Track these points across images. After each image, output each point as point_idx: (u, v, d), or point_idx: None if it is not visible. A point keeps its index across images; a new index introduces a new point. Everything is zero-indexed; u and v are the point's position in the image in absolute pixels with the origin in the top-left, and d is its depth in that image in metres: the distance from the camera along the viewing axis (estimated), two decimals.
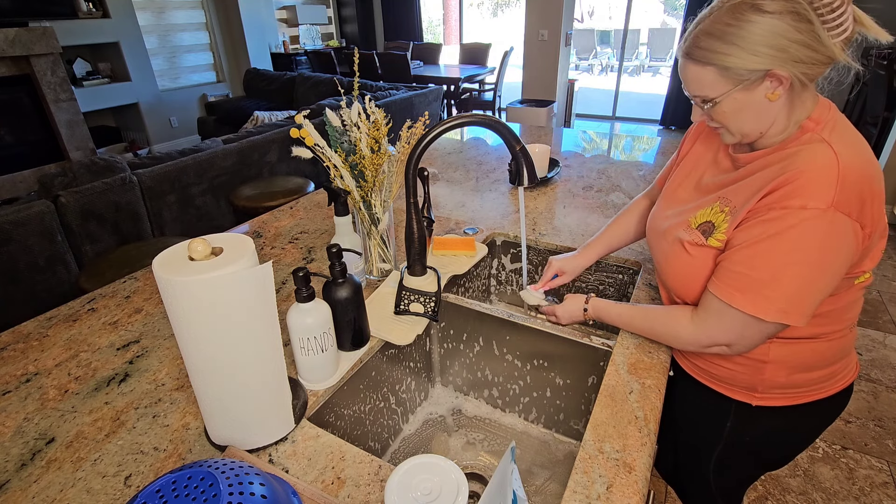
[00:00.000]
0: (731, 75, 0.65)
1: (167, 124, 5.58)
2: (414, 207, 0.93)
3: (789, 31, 0.60)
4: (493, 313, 1.03)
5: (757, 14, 0.61)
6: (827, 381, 0.83)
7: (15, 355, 0.91)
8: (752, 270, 0.67)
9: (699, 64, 0.67)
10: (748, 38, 0.62)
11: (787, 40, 0.61)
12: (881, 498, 1.58)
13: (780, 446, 0.93)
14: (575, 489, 0.62)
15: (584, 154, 2.00)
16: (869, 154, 0.67)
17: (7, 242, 1.95)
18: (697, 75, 0.68)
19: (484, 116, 0.86)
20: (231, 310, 0.58)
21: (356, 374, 0.87)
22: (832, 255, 0.64)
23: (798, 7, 0.60)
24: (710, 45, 0.65)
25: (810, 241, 0.63)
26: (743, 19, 0.62)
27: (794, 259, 0.64)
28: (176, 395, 0.80)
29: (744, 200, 0.71)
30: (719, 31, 0.64)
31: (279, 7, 6.68)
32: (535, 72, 5.05)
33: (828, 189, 0.62)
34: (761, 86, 0.65)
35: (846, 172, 0.62)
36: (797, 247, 0.64)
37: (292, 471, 0.66)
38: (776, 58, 0.62)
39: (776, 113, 0.68)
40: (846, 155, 0.64)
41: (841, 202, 0.62)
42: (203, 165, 2.61)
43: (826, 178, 0.62)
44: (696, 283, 0.78)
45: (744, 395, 0.86)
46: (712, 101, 0.69)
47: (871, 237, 0.67)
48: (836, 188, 0.62)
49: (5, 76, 3.95)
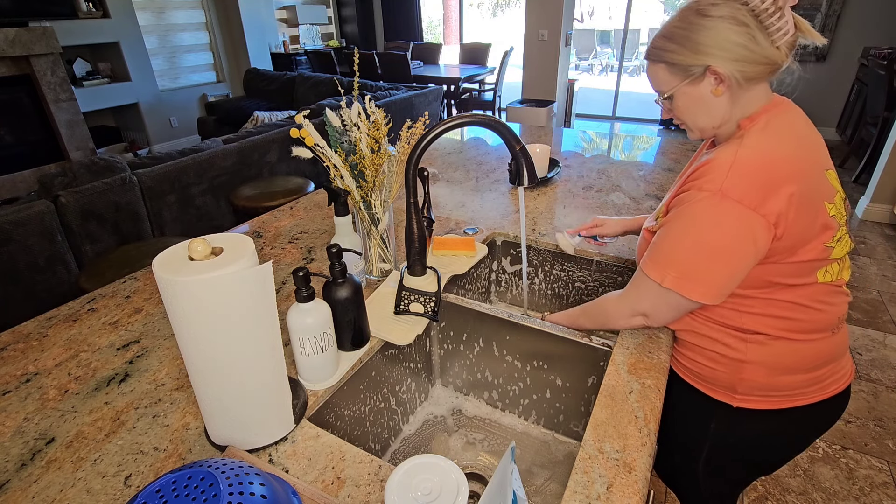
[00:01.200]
0: (678, 71, 0.74)
1: (167, 124, 5.58)
2: (414, 207, 0.93)
3: (727, 33, 0.69)
4: (493, 313, 1.03)
5: (700, 17, 0.70)
6: (811, 387, 0.83)
7: (15, 355, 0.91)
8: (660, 242, 0.77)
9: (653, 62, 0.77)
10: (691, 37, 0.71)
11: (725, 40, 0.69)
12: (881, 498, 1.58)
13: (766, 451, 0.93)
14: (575, 489, 0.62)
15: (584, 154, 2.00)
16: (785, 151, 0.72)
17: (7, 242, 1.95)
18: (653, 73, 0.78)
19: (484, 116, 0.86)
20: (231, 310, 0.58)
21: (356, 375, 0.87)
22: (721, 236, 0.70)
23: (737, 13, 0.68)
24: (662, 45, 0.75)
25: (700, 220, 0.71)
26: (688, 21, 0.71)
27: (687, 233, 0.73)
28: (176, 395, 0.80)
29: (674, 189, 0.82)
30: (669, 33, 0.74)
31: (279, 7, 6.68)
32: (535, 72, 5.05)
33: (720, 177, 0.70)
34: (704, 81, 0.73)
35: (739, 164, 0.70)
36: (689, 223, 0.73)
37: (292, 471, 0.66)
38: (714, 55, 0.70)
39: (724, 109, 0.75)
40: (749, 149, 0.71)
41: (730, 189, 0.69)
42: (203, 165, 2.61)
43: (721, 168, 0.70)
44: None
45: (725, 396, 0.87)
46: (668, 95, 0.78)
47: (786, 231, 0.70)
48: (726, 177, 0.69)
49: (5, 76, 3.96)
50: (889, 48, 4.08)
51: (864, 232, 3.27)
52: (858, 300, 2.56)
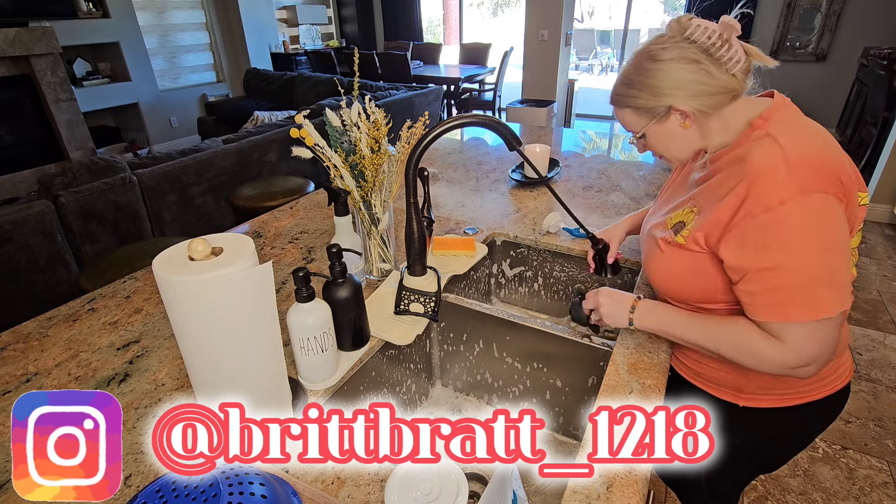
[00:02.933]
0: (643, 113, 0.77)
1: (167, 124, 5.58)
2: (414, 207, 0.93)
3: (681, 73, 0.71)
4: (493, 313, 1.03)
5: (653, 62, 0.73)
6: (816, 384, 0.83)
7: (15, 355, 0.91)
8: (783, 280, 0.67)
9: (619, 107, 0.80)
10: (648, 83, 0.73)
11: (681, 80, 0.71)
12: (881, 498, 1.58)
13: (771, 449, 0.93)
14: (575, 489, 0.62)
15: (584, 154, 2.00)
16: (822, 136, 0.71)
17: (7, 242, 1.95)
18: (621, 116, 0.81)
19: (484, 117, 0.86)
20: (231, 310, 0.58)
21: (356, 375, 0.87)
22: (829, 230, 0.66)
23: (686, 52, 0.71)
24: (623, 91, 0.78)
25: (810, 227, 0.65)
26: (643, 68, 0.74)
27: (808, 249, 0.66)
28: (176, 395, 0.80)
29: (709, 201, 0.76)
30: (628, 79, 0.76)
31: (279, 7, 6.68)
32: (535, 72, 5.05)
33: (787, 178, 0.66)
34: (670, 118, 0.75)
35: (793, 156, 0.67)
36: (802, 237, 0.65)
37: (292, 471, 0.66)
38: (674, 95, 0.72)
39: (695, 136, 0.77)
40: (790, 141, 0.68)
41: (806, 185, 0.65)
42: (203, 165, 2.61)
43: (779, 170, 0.67)
44: (671, 280, 0.83)
45: (731, 396, 0.87)
46: (639, 135, 0.80)
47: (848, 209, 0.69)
48: (791, 175, 0.66)
49: (5, 76, 3.95)
50: (889, 48, 4.08)
51: (863, 232, 3.27)
52: (858, 300, 2.56)
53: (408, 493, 0.53)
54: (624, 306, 0.85)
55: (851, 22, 4.63)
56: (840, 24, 4.68)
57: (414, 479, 0.55)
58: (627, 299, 0.86)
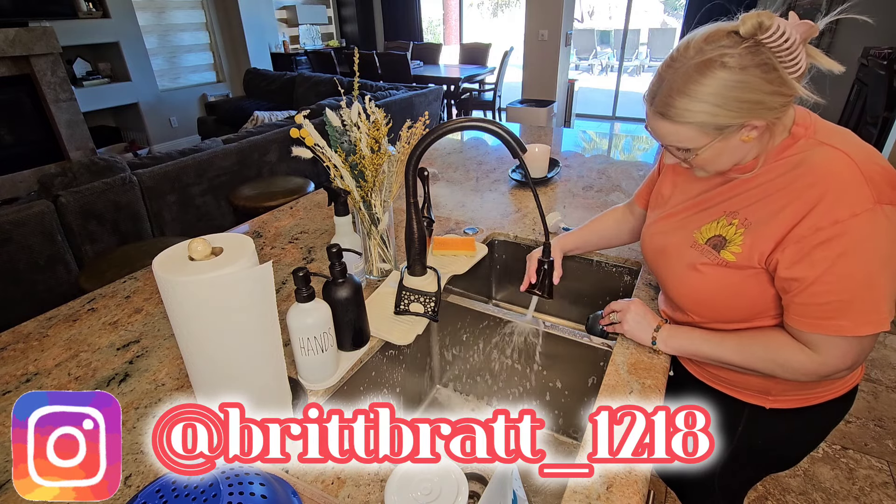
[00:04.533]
0: (710, 130, 0.66)
1: (167, 124, 5.58)
2: (414, 207, 0.93)
3: (760, 84, 0.62)
4: (493, 313, 1.03)
5: (725, 71, 0.62)
6: (838, 381, 0.82)
7: (15, 355, 0.91)
8: (842, 295, 0.65)
9: (675, 123, 0.67)
10: (721, 95, 0.63)
11: (760, 93, 0.62)
12: (881, 498, 1.58)
13: (791, 448, 0.93)
14: (575, 489, 0.62)
15: (584, 154, 2.00)
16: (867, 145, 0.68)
17: (7, 242, 1.94)
18: (674, 131, 0.68)
19: (487, 121, 0.84)
20: (231, 310, 0.58)
21: (356, 375, 0.87)
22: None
23: (763, 58, 0.61)
24: (686, 105, 0.65)
25: (879, 243, 0.63)
26: (713, 76, 0.62)
27: (875, 266, 0.63)
28: (176, 395, 0.80)
29: (762, 214, 0.71)
30: (693, 91, 0.64)
31: (279, 7, 6.68)
32: (535, 72, 5.05)
33: (862, 188, 0.62)
34: (739, 132, 0.66)
35: (866, 167, 0.64)
36: (870, 254, 0.63)
37: (292, 471, 0.66)
38: (752, 110, 0.63)
39: (750, 149, 0.70)
40: (855, 152, 0.65)
41: (881, 196, 0.62)
42: (203, 165, 2.61)
43: (854, 180, 0.63)
44: (713, 300, 0.78)
45: (758, 399, 0.85)
46: (691, 151, 0.70)
47: None
48: (868, 185, 0.62)
49: (5, 76, 3.95)
50: (889, 48, 4.08)
51: None
52: None
53: (408, 493, 0.53)
54: (647, 326, 0.85)
55: (851, 22, 4.62)
56: (840, 24, 4.67)
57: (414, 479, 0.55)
58: (654, 320, 0.86)
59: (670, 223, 0.86)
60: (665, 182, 0.91)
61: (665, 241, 0.85)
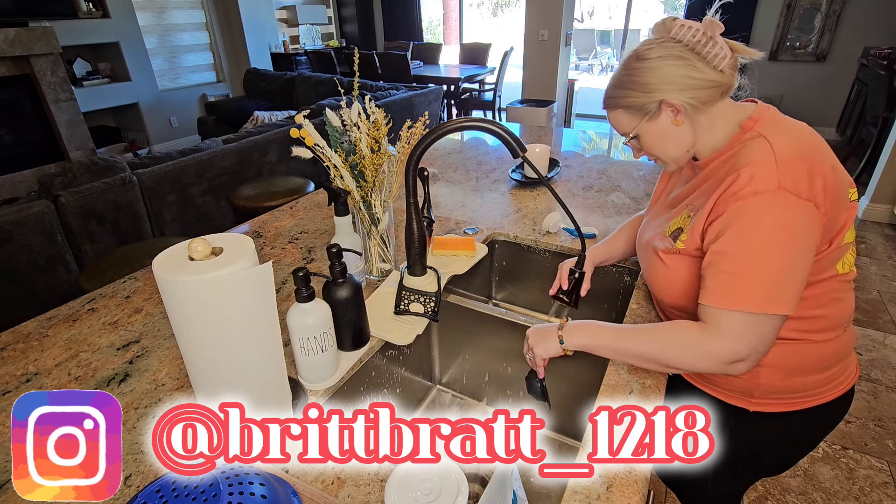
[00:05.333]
0: (635, 111, 0.78)
1: (167, 124, 5.58)
2: (414, 207, 0.93)
3: (669, 68, 0.73)
4: (493, 313, 1.03)
5: (641, 61, 0.75)
6: (825, 386, 0.83)
7: (15, 355, 0.91)
8: (731, 267, 0.69)
9: (611, 109, 0.81)
10: (638, 80, 0.75)
11: (670, 75, 0.73)
12: (881, 498, 1.58)
13: (779, 453, 0.93)
14: (575, 489, 0.62)
15: (584, 154, 2.00)
16: (810, 137, 0.72)
17: (7, 242, 1.94)
18: (614, 119, 0.82)
19: (488, 121, 0.84)
20: (231, 310, 0.58)
21: (356, 375, 0.87)
22: (795, 233, 0.67)
23: (673, 50, 0.73)
24: (614, 93, 0.79)
25: (771, 222, 0.66)
26: (632, 67, 0.76)
27: (766, 245, 0.67)
28: (176, 395, 0.80)
29: (701, 202, 0.77)
30: (618, 81, 0.79)
31: (279, 7, 6.68)
32: (535, 72, 5.05)
33: (770, 172, 0.67)
34: (662, 115, 0.76)
35: (782, 156, 0.68)
36: (763, 232, 0.67)
37: (292, 471, 0.66)
38: (664, 90, 0.74)
39: (688, 133, 0.77)
40: (781, 142, 0.70)
41: (786, 183, 0.66)
42: (203, 165, 2.61)
43: (766, 163, 0.68)
44: (674, 289, 0.82)
45: (741, 401, 0.86)
46: (633, 136, 0.81)
47: (827, 214, 0.69)
48: (778, 171, 0.67)
49: (5, 76, 3.95)
50: (889, 48, 4.08)
51: (864, 232, 3.27)
52: (858, 300, 2.56)
53: (408, 493, 0.53)
54: (550, 331, 0.82)
55: (851, 22, 4.63)
56: (840, 24, 4.68)
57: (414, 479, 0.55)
58: (552, 326, 0.83)
59: (654, 220, 0.93)
60: (661, 183, 0.99)
61: (647, 236, 0.91)
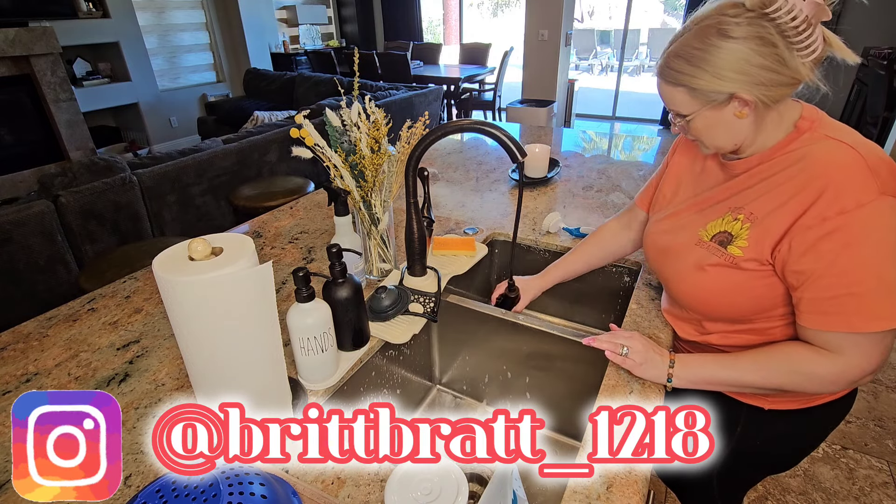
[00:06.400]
0: (699, 96, 0.68)
1: (167, 124, 5.58)
2: (414, 207, 0.93)
3: (752, 56, 0.63)
4: (493, 313, 1.03)
5: (722, 39, 0.63)
6: None
7: (15, 355, 0.91)
8: (850, 288, 0.63)
9: (670, 84, 0.70)
10: (713, 61, 0.64)
11: (750, 65, 0.63)
12: (881, 498, 1.58)
13: (790, 450, 0.93)
14: (575, 489, 0.62)
15: (584, 154, 2.00)
16: (866, 139, 0.68)
17: (7, 242, 1.94)
18: (670, 94, 0.71)
19: (487, 124, 0.84)
20: (231, 310, 0.58)
21: (356, 375, 0.87)
22: None
23: (762, 31, 0.62)
24: (680, 67, 0.68)
25: (886, 234, 0.62)
26: (709, 43, 0.64)
27: (883, 258, 0.62)
28: (176, 395, 0.80)
29: (767, 208, 0.70)
30: (687, 54, 0.66)
31: (279, 7, 6.68)
32: (535, 72, 5.05)
33: (867, 179, 0.62)
34: (728, 106, 0.68)
35: (872, 160, 0.63)
36: (877, 245, 0.62)
37: (292, 471, 0.66)
38: (740, 81, 0.64)
39: (747, 128, 0.70)
40: (860, 145, 0.65)
41: (885, 187, 0.62)
42: (203, 165, 2.61)
43: (859, 170, 0.63)
44: (718, 299, 0.77)
45: (757, 400, 0.85)
46: (685, 117, 0.72)
47: None
48: (873, 176, 0.62)
49: (5, 76, 3.95)
50: (889, 48, 4.08)
51: None
52: None
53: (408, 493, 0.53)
54: (661, 364, 0.78)
55: (851, 22, 4.63)
56: (840, 24, 4.68)
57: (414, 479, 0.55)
58: (665, 358, 0.78)
59: (674, 222, 0.85)
60: (669, 182, 0.92)
61: (669, 240, 0.85)
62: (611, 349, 0.81)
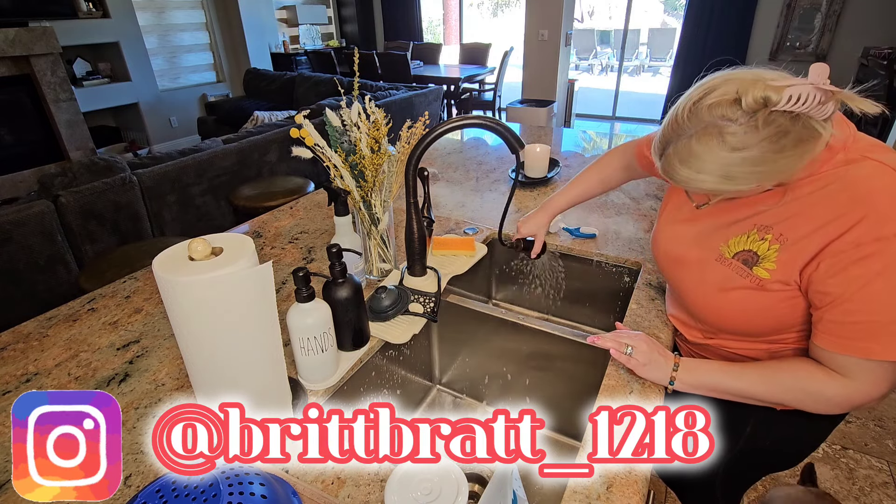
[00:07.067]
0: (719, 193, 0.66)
1: (167, 124, 5.58)
2: (414, 207, 0.93)
3: (768, 155, 0.59)
4: (493, 313, 1.03)
5: (725, 149, 0.59)
6: None
7: (15, 355, 0.91)
8: (875, 315, 0.62)
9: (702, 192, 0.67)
10: (722, 172, 0.61)
11: (768, 163, 0.60)
12: (881, 498, 1.58)
13: (795, 449, 0.93)
14: (575, 489, 0.62)
15: (583, 154, 2.00)
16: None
17: (7, 242, 1.94)
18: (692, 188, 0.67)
19: (486, 118, 0.85)
20: (231, 310, 0.58)
21: (356, 375, 0.87)
22: None
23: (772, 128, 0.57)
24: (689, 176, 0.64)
25: None
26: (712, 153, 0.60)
27: None
28: (176, 395, 0.80)
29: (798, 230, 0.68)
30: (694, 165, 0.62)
31: (279, 7, 6.68)
32: (535, 72, 5.05)
33: None
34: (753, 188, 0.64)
35: None
36: None
37: (292, 471, 0.66)
38: (761, 176, 0.61)
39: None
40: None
41: None
42: (203, 165, 2.61)
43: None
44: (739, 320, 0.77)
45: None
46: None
47: None
48: None
49: (5, 76, 3.95)
50: (889, 48, 4.08)
51: None
52: None
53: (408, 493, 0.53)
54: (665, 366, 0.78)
55: (851, 22, 4.63)
56: (840, 24, 4.68)
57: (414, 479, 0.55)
58: (668, 360, 0.78)
59: (691, 231, 0.82)
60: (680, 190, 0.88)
61: (686, 251, 0.82)
62: (615, 347, 0.80)
